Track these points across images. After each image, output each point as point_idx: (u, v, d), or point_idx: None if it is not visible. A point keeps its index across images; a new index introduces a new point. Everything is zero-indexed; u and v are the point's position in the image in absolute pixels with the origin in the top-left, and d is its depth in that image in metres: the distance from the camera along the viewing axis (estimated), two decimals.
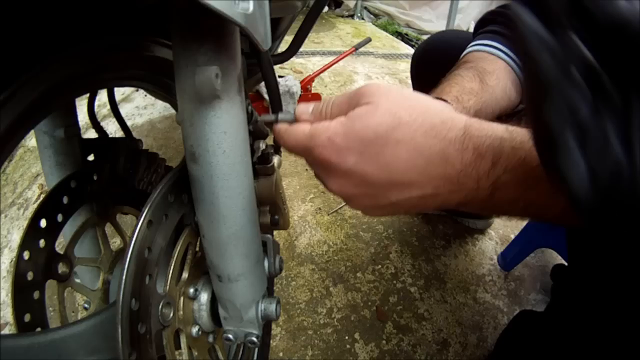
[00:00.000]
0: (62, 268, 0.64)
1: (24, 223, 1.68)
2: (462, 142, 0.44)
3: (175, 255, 0.57)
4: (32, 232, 0.59)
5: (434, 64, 0.96)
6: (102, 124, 0.78)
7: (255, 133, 0.69)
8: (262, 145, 0.70)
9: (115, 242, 1.11)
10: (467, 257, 1.60)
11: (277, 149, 0.79)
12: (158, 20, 0.57)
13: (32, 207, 1.73)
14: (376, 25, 5.13)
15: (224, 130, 0.48)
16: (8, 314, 1.34)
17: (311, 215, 1.74)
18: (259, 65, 0.66)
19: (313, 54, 3.76)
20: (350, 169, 0.46)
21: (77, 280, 0.70)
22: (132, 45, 0.58)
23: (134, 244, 0.48)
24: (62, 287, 0.64)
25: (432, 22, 4.87)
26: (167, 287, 0.55)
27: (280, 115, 0.54)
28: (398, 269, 1.51)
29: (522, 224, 1.65)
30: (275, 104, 0.72)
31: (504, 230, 1.74)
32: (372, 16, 5.44)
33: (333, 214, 1.74)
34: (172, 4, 0.43)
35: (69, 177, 0.66)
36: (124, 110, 2.47)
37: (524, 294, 1.47)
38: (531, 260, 1.58)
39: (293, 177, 1.94)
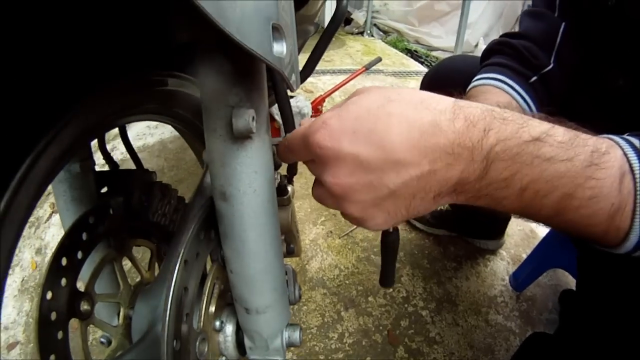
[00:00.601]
0: (83, 306, 0.64)
1: (35, 242, 1.71)
2: (453, 111, 0.45)
3: (206, 291, 0.59)
4: (53, 272, 0.59)
5: (441, 91, 0.97)
6: (112, 144, 0.79)
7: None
8: (277, 177, 0.71)
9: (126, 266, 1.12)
10: (478, 279, 1.60)
11: (290, 179, 0.81)
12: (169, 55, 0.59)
13: (44, 226, 1.76)
14: (386, 42, 5.18)
15: (255, 170, 0.50)
16: (19, 333, 1.35)
17: (322, 239, 1.75)
18: (274, 91, 0.68)
19: (323, 72, 3.79)
20: (344, 152, 0.45)
21: (97, 317, 0.70)
22: (146, 82, 0.60)
23: (174, 287, 0.49)
24: (84, 325, 0.64)
25: (441, 37, 4.90)
26: (202, 322, 0.57)
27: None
28: (409, 292, 1.52)
29: (534, 243, 1.66)
30: (290, 129, 0.74)
31: (515, 250, 1.75)
32: (381, 33, 5.49)
33: (344, 237, 1.75)
34: (204, 45, 0.45)
35: (87, 213, 0.66)
36: (135, 129, 2.51)
37: (536, 314, 1.48)
38: (543, 279, 1.59)
39: (304, 199, 1.95)
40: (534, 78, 0.92)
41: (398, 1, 5.29)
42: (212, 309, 0.61)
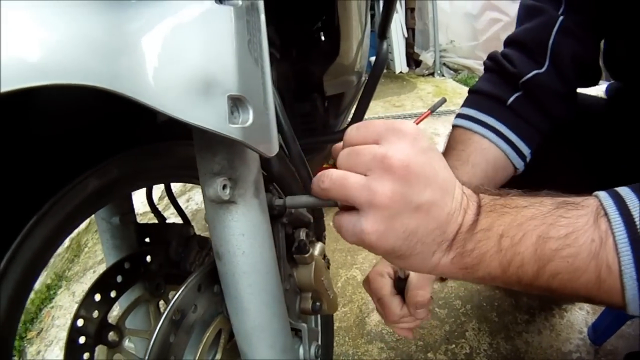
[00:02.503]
0: (112, 337, 0.70)
1: None
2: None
3: (204, 340, 0.64)
4: (86, 304, 0.67)
5: None
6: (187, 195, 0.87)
7: (294, 222, 0.76)
8: (302, 235, 0.76)
9: None
10: (552, 332, 1.54)
11: (319, 236, 0.84)
12: None
13: None
14: (457, 81, 5.18)
15: (242, 233, 0.55)
16: None
17: None
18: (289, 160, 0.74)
19: (394, 118, 3.84)
20: (424, 148, 0.50)
21: (131, 345, 0.79)
22: (169, 150, 0.66)
23: (158, 332, 0.56)
24: (111, 352, 0.71)
25: None
26: None
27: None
28: (473, 348, 1.49)
29: None
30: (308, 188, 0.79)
31: None
32: (451, 72, 5.49)
33: None
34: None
35: (123, 259, 0.75)
36: None
37: None
38: (627, 329, 1.48)
39: None
40: (514, 96, 0.96)
41: (464, 37, 5.30)
42: (219, 356, 0.67)
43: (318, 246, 0.78)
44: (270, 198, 0.62)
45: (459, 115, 1.03)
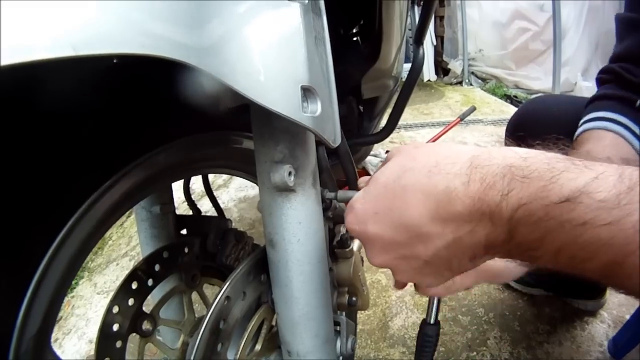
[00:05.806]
0: (146, 325, 0.71)
1: None
2: (468, 174, 0.42)
3: (249, 329, 0.66)
4: (123, 291, 0.68)
5: (529, 131, 0.99)
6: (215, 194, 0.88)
7: (336, 218, 0.77)
8: (343, 230, 0.78)
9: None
10: (573, 344, 1.53)
11: None
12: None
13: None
14: (484, 90, 5.17)
15: (299, 221, 0.57)
16: None
17: (410, 296, 1.75)
18: (336, 155, 0.75)
19: (422, 126, 3.88)
20: (370, 234, 0.49)
21: (159, 337, 0.78)
22: (221, 140, 0.69)
23: (210, 314, 0.58)
24: (143, 341, 0.72)
25: (540, 79, 4.80)
26: (238, 355, 0.64)
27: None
28: (494, 356, 1.48)
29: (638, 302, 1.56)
30: (353, 186, 0.80)
31: (618, 310, 1.64)
32: (479, 81, 5.48)
33: None
34: (253, 106, 0.52)
35: (162, 248, 0.76)
36: (237, 183, 2.72)
37: None
38: None
39: None
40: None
41: (493, 46, 5.28)
42: (258, 346, 0.69)
43: (356, 242, 0.79)
44: (321, 190, 0.64)
45: (587, 120, 0.97)
